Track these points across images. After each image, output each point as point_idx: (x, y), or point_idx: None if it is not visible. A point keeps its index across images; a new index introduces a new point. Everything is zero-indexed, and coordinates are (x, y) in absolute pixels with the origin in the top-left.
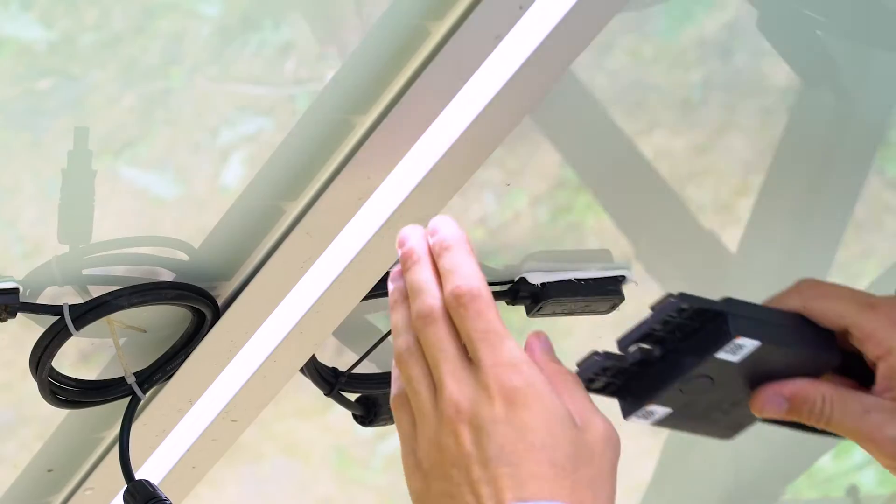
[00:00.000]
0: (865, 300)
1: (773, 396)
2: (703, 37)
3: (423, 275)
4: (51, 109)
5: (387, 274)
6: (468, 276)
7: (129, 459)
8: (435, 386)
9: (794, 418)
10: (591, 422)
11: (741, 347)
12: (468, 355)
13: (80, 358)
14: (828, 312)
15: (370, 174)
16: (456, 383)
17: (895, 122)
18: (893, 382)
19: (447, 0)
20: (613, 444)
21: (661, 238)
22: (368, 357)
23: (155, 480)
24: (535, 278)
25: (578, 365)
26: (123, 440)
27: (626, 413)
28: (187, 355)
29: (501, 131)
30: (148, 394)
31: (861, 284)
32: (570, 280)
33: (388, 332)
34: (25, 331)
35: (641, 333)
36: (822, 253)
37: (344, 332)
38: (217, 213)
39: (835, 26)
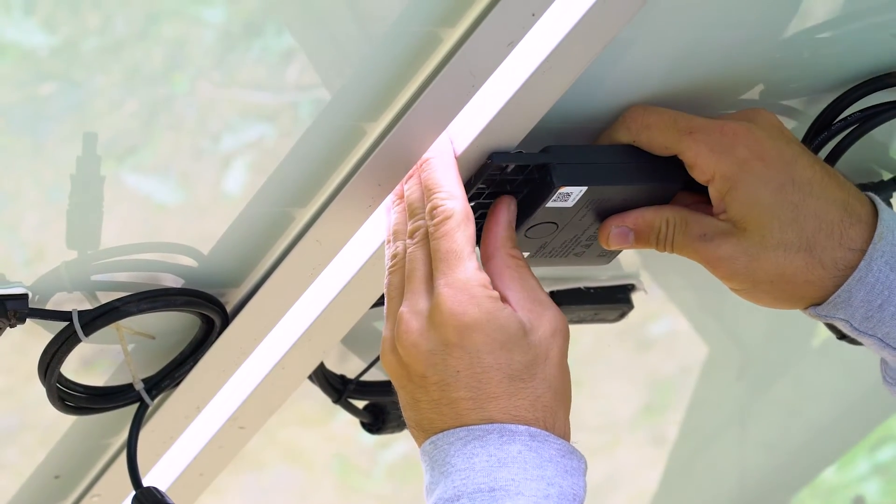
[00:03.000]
0: (686, 126)
1: (615, 228)
2: None
3: (415, 193)
4: (53, 115)
5: None
6: (442, 196)
7: (137, 466)
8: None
9: (642, 246)
10: (540, 318)
11: (570, 195)
12: None
13: (80, 363)
14: (653, 144)
15: (381, 181)
16: (413, 304)
17: None
18: (722, 204)
19: (459, 7)
20: (562, 333)
21: None
22: (376, 364)
23: (162, 487)
24: (545, 286)
25: None
26: (131, 447)
27: None
28: (196, 362)
29: (514, 137)
30: (156, 400)
31: None
32: (579, 289)
33: None
34: (29, 337)
35: (470, 195)
36: None
37: (351, 340)
38: (223, 219)
39: None
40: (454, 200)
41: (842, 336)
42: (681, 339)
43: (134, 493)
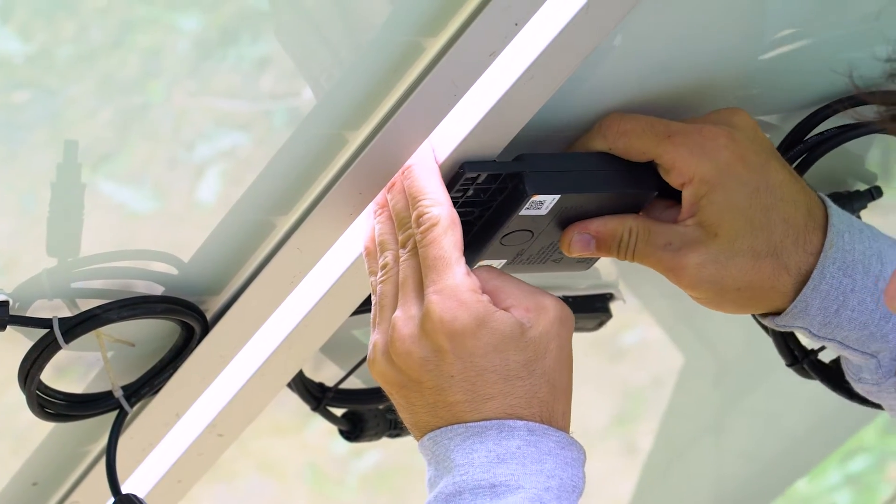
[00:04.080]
0: (664, 131)
1: (578, 235)
2: None
3: (401, 202)
4: (27, 122)
5: None
6: (427, 203)
7: (115, 473)
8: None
9: (604, 254)
10: (540, 312)
11: (542, 202)
12: None
13: (54, 370)
14: (630, 150)
15: (362, 189)
16: (406, 311)
17: None
18: (695, 208)
19: (442, 17)
20: (566, 322)
21: None
22: (355, 373)
23: (140, 494)
24: None
25: None
26: (110, 454)
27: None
28: (175, 369)
29: (495, 146)
30: (135, 407)
31: None
32: None
33: None
34: (7, 344)
35: None
36: None
37: (329, 348)
38: (203, 226)
39: None
40: (439, 207)
41: (792, 363)
42: (654, 349)
43: (113, 499)
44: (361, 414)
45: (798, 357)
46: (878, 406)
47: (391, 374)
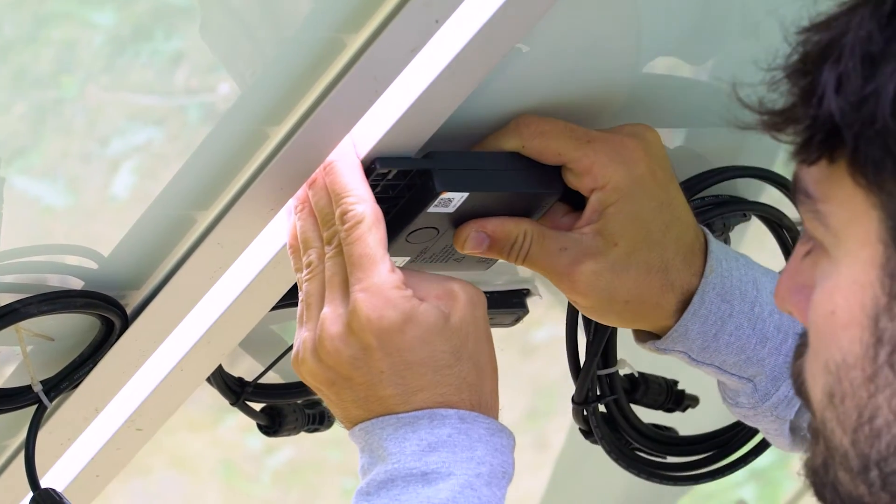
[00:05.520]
0: (583, 136)
1: (475, 233)
2: None
3: (323, 199)
4: None
5: (295, 285)
6: (351, 200)
7: (34, 468)
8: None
9: (496, 255)
10: (455, 299)
11: (451, 200)
12: None
13: None
14: (545, 150)
15: (283, 185)
16: (334, 309)
17: None
18: (598, 215)
19: (363, 13)
20: (477, 301)
21: None
22: (273, 367)
23: (59, 488)
24: None
25: None
26: (29, 448)
27: None
28: (95, 364)
29: (415, 142)
30: (54, 402)
31: None
32: None
33: None
34: None
35: None
36: None
37: (248, 342)
38: (122, 221)
39: None
40: (363, 204)
41: (587, 433)
42: (565, 345)
43: (32, 494)
44: (280, 408)
45: (589, 398)
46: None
47: (320, 372)
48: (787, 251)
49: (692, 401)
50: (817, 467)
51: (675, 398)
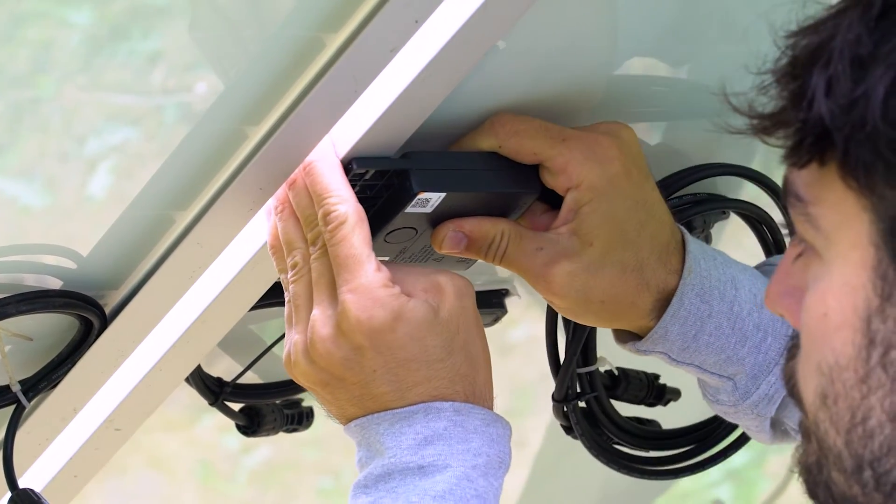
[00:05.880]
0: (558, 134)
1: (452, 232)
2: None
3: (304, 199)
4: None
5: (275, 284)
6: (333, 200)
7: (13, 468)
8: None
9: (473, 255)
10: (443, 292)
11: (428, 200)
12: None
13: None
14: (521, 150)
15: (262, 185)
16: (323, 311)
17: None
18: (573, 214)
19: (343, 13)
20: (465, 291)
21: None
22: (252, 367)
23: (37, 488)
24: None
25: None
26: (7, 448)
27: None
28: (73, 364)
29: (395, 142)
30: (33, 402)
31: None
32: None
33: (273, 344)
34: None
35: None
36: None
37: (227, 343)
38: (101, 221)
39: None
40: (346, 204)
41: (568, 429)
42: (543, 345)
43: (10, 494)
44: (259, 409)
45: (569, 395)
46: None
47: (313, 373)
48: (767, 248)
49: (674, 394)
50: (810, 465)
51: (656, 393)
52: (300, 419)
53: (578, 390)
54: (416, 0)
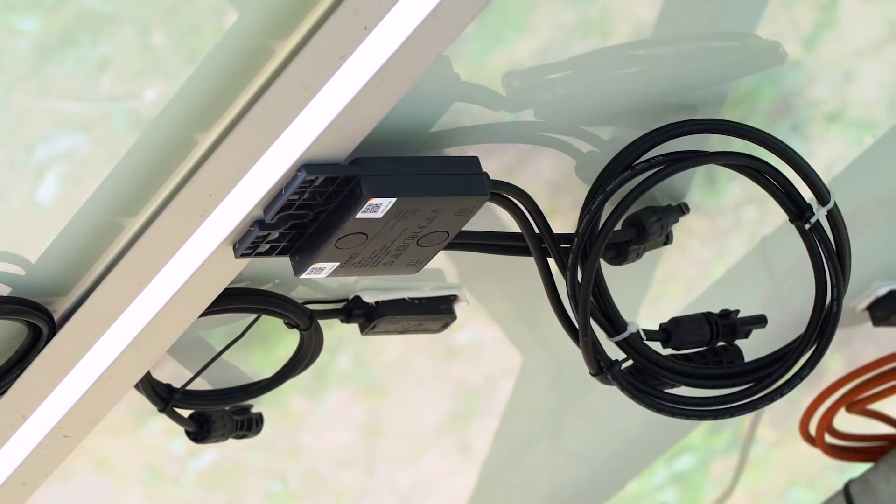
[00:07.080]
0: None
1: None
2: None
3: None
4: None
5: (225, 290)
6: None
7: None
8: None
9: None
10: None
11: (379, 206)
12: None
13: None
14: None
15: (212, 191)
16: None
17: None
18: None
19: (292, 20)
20: None
21: (483, 261)
22: (202, 374)
23: None
24: (370, 297)
25: (236, 240)
26: None
27: (297, 272)
28: (22, 370)
29: (344, 148)
30: None
31: (665, 307)
32: (403, 299)
33: (223, 350)
34: None
35: (280, 206)
36: (631, 280)
37: (177, 349)
38: (47, 228)
39: None
40: None
41: (596, 373)
42: (490, 349)
43: None
44: (208, 415)
45: (602, 367)
46: None
47: None
48: (782, 202)
49: (756, 323)
50: None
51: (724, 329)
52: (249, 425)
53: (614, 359)
54: (365, 7)
